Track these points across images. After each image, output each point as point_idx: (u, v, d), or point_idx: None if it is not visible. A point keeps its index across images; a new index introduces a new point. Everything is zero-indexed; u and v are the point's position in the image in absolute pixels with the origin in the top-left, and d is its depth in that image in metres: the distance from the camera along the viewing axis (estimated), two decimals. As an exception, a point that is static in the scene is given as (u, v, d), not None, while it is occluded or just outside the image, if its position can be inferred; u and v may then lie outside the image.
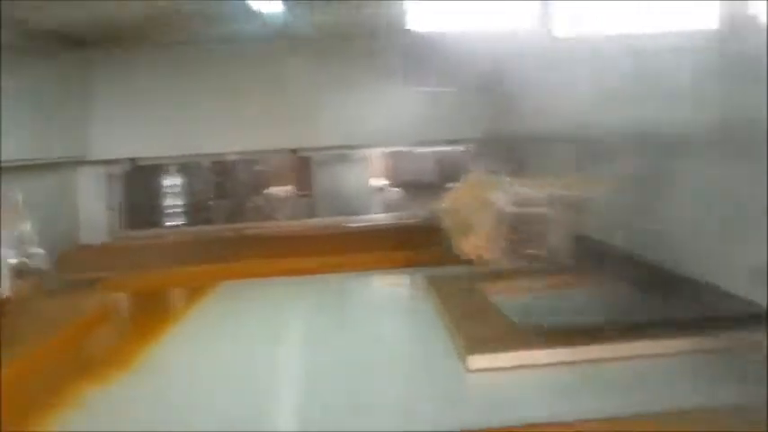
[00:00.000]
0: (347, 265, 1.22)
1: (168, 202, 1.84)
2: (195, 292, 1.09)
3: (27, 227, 0.95)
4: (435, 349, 0.74)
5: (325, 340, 0.83)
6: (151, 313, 1.01)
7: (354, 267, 1.20)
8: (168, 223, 1.85)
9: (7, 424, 0.58)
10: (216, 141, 1.58)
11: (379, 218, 1.68)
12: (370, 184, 1.90)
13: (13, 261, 0.91)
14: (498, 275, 1.02)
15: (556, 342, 0.69)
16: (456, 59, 1.39)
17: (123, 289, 1.13)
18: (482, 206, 0.96)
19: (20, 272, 0.93)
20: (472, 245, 0.96)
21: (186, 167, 1.87)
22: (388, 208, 1.86)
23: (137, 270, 1.23)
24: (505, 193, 0.93)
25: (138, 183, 1.72)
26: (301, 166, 2.01)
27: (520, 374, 0.65)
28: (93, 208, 1.53)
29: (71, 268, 1.29)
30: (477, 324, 0.78)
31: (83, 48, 1.46)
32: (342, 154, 1.76)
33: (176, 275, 1.23)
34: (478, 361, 0.67)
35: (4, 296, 0.88)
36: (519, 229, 0.92)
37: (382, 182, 2.22)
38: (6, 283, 0.90)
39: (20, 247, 0.94)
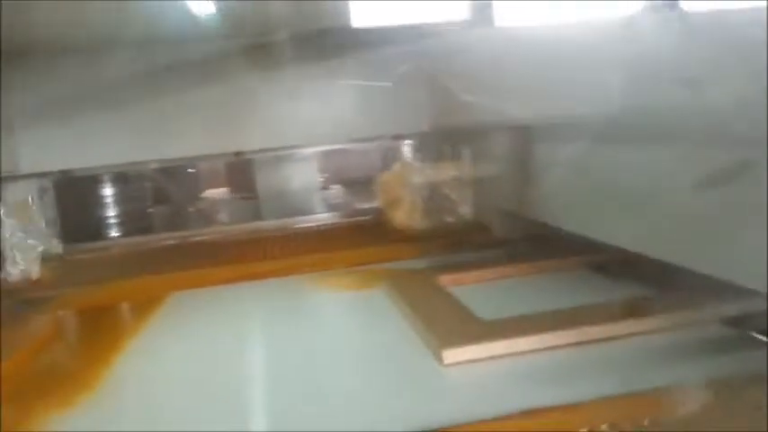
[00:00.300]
0: (299, 267, 1.20)
1: (105, 212, 1.79)
2: (145, 305, 1.06)
3: (42, 221, 1.23)
4: (405, 347, 0.74)
5: (288, 344, 0.82)
6: (104, 330, 0.97)
7: (306, 269, 1.19)
8: (108, 234, 1.80)
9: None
10: (153, 148, 1.54)
11: (326, 217, 1.68)
12: (315, 184, 1.90)
13: (41, 247, 1.17)
14: (451, 267, 1.05)
15: (525, 330, 0.71)
16: (396, 54, 1.41)
17: (70, 306, 1.09)
18: (405, 186, 1.29)
19: (45, 257, 1.19)
20: (400, 216, 1.29)
21: (122, 176, 1.82)
22: (335, 207, 1.87)
23: (81, 286, 1.19)
24: (420, 176, 1.28)
25: (72, 195, 1.67)
26: (244, 169, 2.00)
27: (496, 364, 0.67)
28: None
29: (10, 288, 1.24)
30: (443, 318, 0.79)
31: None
32: (284, 155, 1.76)
33: (123, 288, 1.19)
34: (453, 355, 0.68)
35: (35, 278, 1.17)
36: (432, 202, 1.29)
37: (327, 180, 2.22)
38: (36, 267, 1.17)
39: (42, 236, 1.21)
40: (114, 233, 1.79)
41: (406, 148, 1.71)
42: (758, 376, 0.55)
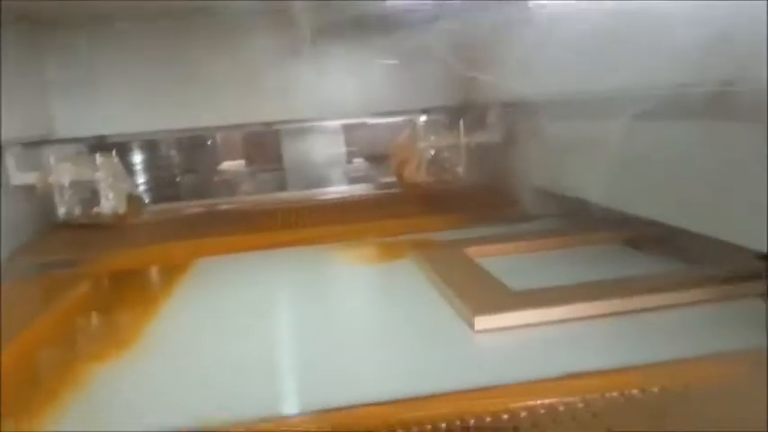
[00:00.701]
0: (325, 237, 1.21)
1: (137, 179, 1.81)
2: (174, 270, 1.07)
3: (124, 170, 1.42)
4: (437, 314, 0.75)
5: (320, 309, 0.82)
6: (137, 292, 1.00)
7: (332, 239, 1.20)
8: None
9: (8, 413, 0.57)
10: (183, 116, 1.56)
11: (352, 189, 1.69)
12: (342, 156, 1.91)
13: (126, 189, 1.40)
14: (480, 239, 1.05)
15: (556, 300, 0.71)
16: (425, 29, 1.41)
17: (102, 268, 1.11)
18: (411, 148, 1.47)
19: (130, 198, 1.42)
20: (407, 173, 1.48)
21: (151, 144, 1.84)
22: (361, 179, 1.87)
23: (112, 249, 1.22)
24: (426, 141, 1.44)
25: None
26: (271, 140, 2.01)
27: (527, 332, 0.68)
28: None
29: (47, 248, 1.27)
30: (474, 287, 0.79)
31: (37, 25, 1.42)
32: (312, 126, 1.77)
33: (153, 253, 1.21)
34: (485, 322, 0.69)
35: (121, 213, 1.37)
36: (436, 163, 1.46)
37: (355, 153, 2.23)
38: (123, 204, 1.38)
39: (127, 181, 1.43)
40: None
41: (428, 122, 1.72)
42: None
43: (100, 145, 1.54)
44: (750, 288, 0.72)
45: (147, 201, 1.76)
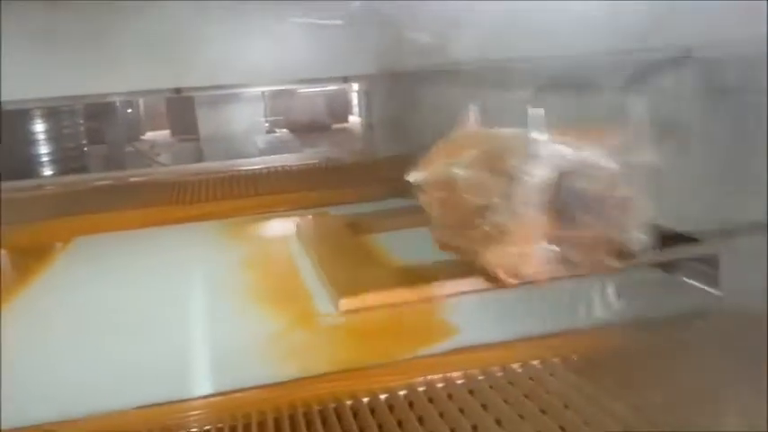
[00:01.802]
0: (239, 210, 1.17)
1: (39, 150, 1.70)
2: (52, 248, 1.01)
3: None
4: (301, 296, 0.73)
5: (170, 293, 0.79)
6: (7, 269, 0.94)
7: (245, 211, 1.16)
8: (42, 173, 1.71)
9: None
10: (88, 82, 1.46)
11: (271, 160, 1.64)
12: (259, 126, 1.85)
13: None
14: (393, 212, 1.03)
15: (439, 275, 0.70)
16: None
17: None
18: (507, 181, 0.54)
19: None
20: (503, 252, 0.56)
21: (56, 112, 1.73)
22: (279, 150, 1.82)
23: (12, 224, 1.13)
24: (547, 158, 0.53)
25: (3, 130, 1.58)
26: (185, 108, 1.93)
27: (398, 311, 0.66)
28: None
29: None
30: (355, 265, 0.78)
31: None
32: (227, 94, 1.70)
33: (51, 228, 1.13)
34: (349, 303, 0.67)
35: None
36: (577, 217, 0.55)
37: (271, 123, 2.17)
38: None
39: None
40: (48, 171, 1.71)
41: (359, 93, 1.68)
42: (682, 316, 0.57)
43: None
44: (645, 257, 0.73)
45: (50, 173, 1.67)
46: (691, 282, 0.68)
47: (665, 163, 0.55)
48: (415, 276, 0.71)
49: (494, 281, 0.58)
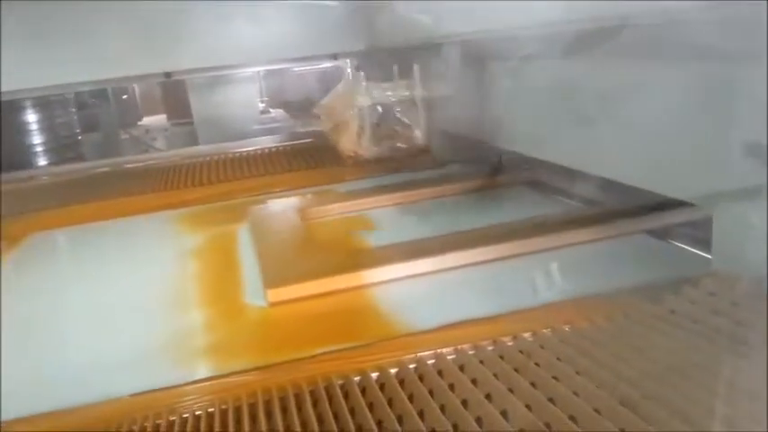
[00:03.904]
0: (236, 192, 1.17)
1: (32, 140, 1.69)
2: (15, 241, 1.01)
3: None
4: (235, 287, 0.72)
5: (123, 283, 0.80)
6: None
7: (239, 194, 1.16)
8: (37, 163, 1.71)
9: None
10: (77, 69, 1.44)
11: (265, 141, 1.63)
12: (252, 107, 1.84)
13: None
14: (376, 189, 1.03)
15: (392, 258, 0.70)
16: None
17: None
18: (350, 108, 1.14)
19: None
20: (345, 143, 1.17)
21: (47, 101, 1.71)
22: (274, 131, 1.81)
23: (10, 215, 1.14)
24: (368, 96, 1.12)
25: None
26: (177, 92, 1.91)
27: (332, 300, 0.65)
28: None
29: None
30: (295, 253, 0.77)
31: None
32: (218, 76, 1.68)
33: (56, 216, 1.14)
34: (278, 294, 0.66)
35: None
36: (383, 127, 1.15)
37: (264, 103, 2.15)
38: None
39: None
40: (42, 161, 1.70)
41: (347, 68, 1.65)
42: (675, 283, 0.56)
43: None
44: (636, 224, 0.73)
45: (45, 162, 1.67)
46: (682, 246, 0.68)
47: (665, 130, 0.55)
48: (364, 262, 0.69)
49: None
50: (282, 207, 0.99)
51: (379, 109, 1.14)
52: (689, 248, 0.68)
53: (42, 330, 0.69)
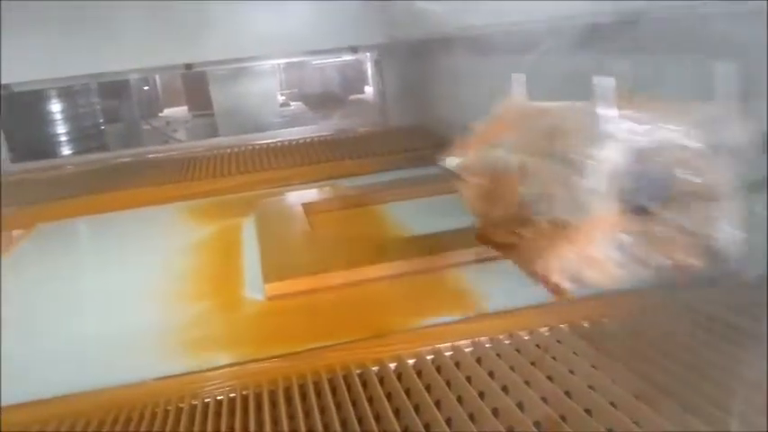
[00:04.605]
0: (256, 184, 1.18)
1: (54, 130, 1.71)
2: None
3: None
4: (246, 277, 0.73)
5: (126, 275, 0.81)
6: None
7: (261, 185, 1.17)
8: (60, 152, 1.73)
9: None
10: (100, 60, 1.46)
11: (285, 133, 1.64)
12: (272, 99, 1.85)
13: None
14: (396, 183, 1.03)
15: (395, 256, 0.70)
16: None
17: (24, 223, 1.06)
18: (566, 167, 0.44)
19: None
20: (563, 254, 0.44)
21: (70, 91, 1.74)
22: (293, 123, 1.82)
23: (35, 204, 1.16)
24: (617, 137, 0.42)
25: (18, 111, 1.60)
26: (200, 84, 1.93)
27: (327, 295, 0.66)
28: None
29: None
30: (297, 247, 0.78)
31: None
32: (240, 68, 1.69)
33: (76, 206, 1.15)
34: (276, 288, 0.66)
35: None
36: (655, 210, 0.44)
37: (284, 96, 2.16)
38: None
39: None
40: (66, 151, 1.73)
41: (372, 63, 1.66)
42: (693, 280, 0.56)
43: (7, 96, 1.44)
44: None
45: (69, 152, 1.69)
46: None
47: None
48: (364, 257, 0.69)
49: (552, 289, 0.45)
50: (288, 200, 1.00)
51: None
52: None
53: (36, 314, 0.71)
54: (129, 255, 0.90)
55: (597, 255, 0.43)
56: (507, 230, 0.49)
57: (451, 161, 0.56)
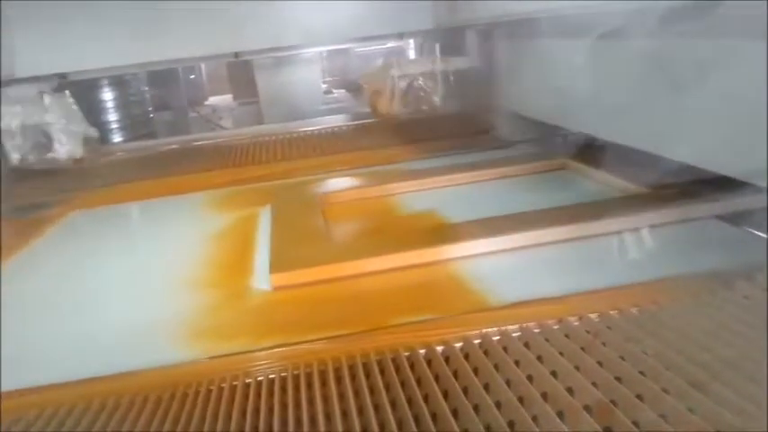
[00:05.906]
0: (300, 170, 1.19)
1: (106, 117, 1.77)
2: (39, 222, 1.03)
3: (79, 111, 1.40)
4: (244, 270, 0.73)
5: (143, 263, 0.82)
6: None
7: (305, 172, 1.18)
8: (110, 140, 1.79)
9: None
10: (149, 50, 1.50)
11: (329, 120, 1.65)
12: (316, 87, 1.86)
13: (81, 131, 1.37)
14: (439, 169, 1.03)
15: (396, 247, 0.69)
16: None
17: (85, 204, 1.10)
18: (385, 78, 1.46)
19: (86, 140, 1.38)
20: (381, 105, 1.49)
21: (121, 80, 1.79)
22: (337, 110, 1.83)
23: (87, 190, 1.20)
24: (399, 69, 1.45)
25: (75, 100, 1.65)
26: (245, 72, 1.96)
27: (333, 287, 0.65)
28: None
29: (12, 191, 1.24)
30: (306, 237, 0.77)
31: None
32: (285, 56, 1.71)
33: (129, 191, 1.18)
34: (282, 279, 0.66)
35: (78, 156, 1.35)
36: (409, 93, 1.46)
37: (327, 84, 2.18)
38: (79, 148, 1.35)
39: (81, 123, 1.39)
40: (117, 138, 1.78)
41: (398, 49, 1.66)
42: (749, 270, 0.55)
43: (64, 84, 1.49)
44: (704, 209, 0.71)
45: (120, 139, 1.74)
46: (758, 234, 0.66)
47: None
48: (376, 247, 0.69)
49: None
50: (305, 189, 1.00)
51: (407, 79, 1.45)
52: (764, 235, 0.65)
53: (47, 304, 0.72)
54: (153, 241, 0.91)
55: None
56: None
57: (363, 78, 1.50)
